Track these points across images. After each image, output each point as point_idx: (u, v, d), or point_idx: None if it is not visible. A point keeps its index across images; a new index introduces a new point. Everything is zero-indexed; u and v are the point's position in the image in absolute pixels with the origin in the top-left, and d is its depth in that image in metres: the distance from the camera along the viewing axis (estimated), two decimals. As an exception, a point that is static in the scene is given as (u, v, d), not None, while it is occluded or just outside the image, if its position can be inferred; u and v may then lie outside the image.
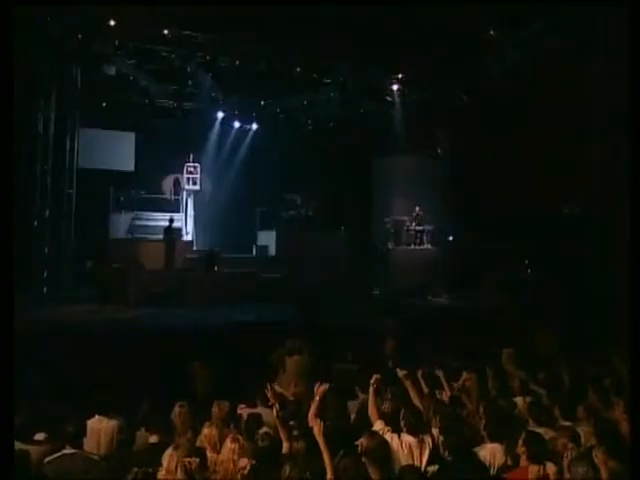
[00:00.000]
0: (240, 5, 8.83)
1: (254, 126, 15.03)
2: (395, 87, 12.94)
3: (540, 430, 3.29)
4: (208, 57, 11.04)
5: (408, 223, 12.69)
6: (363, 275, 11.68)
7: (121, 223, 12.58)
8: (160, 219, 12.78)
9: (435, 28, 9.87)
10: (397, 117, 13.40)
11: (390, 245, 12.79)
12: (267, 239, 13.14)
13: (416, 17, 9.54)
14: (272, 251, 12.77)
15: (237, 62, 11.30)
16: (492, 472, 2.99)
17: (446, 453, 3.02)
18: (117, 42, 10.17)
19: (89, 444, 3.36)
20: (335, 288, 9.93)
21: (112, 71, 10.62)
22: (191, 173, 13.39)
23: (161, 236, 11.40)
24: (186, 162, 13.28)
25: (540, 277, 10.72)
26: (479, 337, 6.47)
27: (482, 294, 10.73)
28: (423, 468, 2.98)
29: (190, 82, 12.16)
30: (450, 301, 10.62)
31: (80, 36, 10.02)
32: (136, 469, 2.51)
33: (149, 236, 12.29)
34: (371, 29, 9.85)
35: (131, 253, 10.76)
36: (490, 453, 3.13)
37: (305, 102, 13.73)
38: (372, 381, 3.56)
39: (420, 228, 12.50)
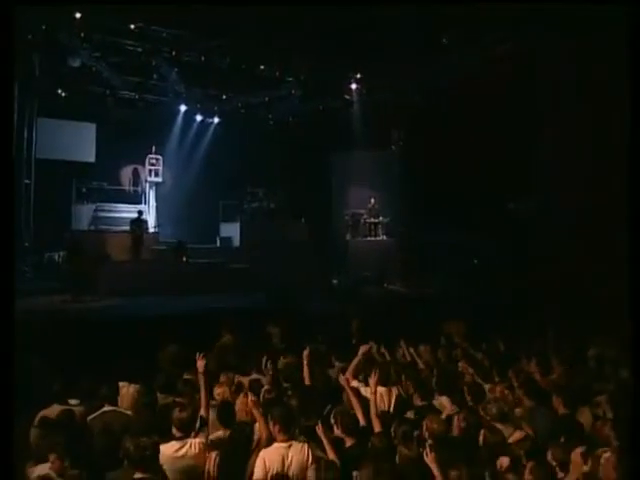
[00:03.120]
0: (208, 5, 9.16)
1: (216, 119, 15.30)
2: (354, 86, 13.64)
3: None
4: (173, 52, 11.29)
5: (365, 216, 13.48)
6: (323, 265, 12.35)
7: (83, 214, 12.57)
8: (123, 211, 12.87)
9: (394, 29, 10.48)
10: (355, 115, 14.12)
11: (348, 237, 13.55)
12: (230, 231, 13.53)
13: (376, 18, 10.12)
14: (236, 242, 13.18)
15: (202, 58, 11.61)
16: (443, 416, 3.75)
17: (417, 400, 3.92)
18: (82, 34, 10.24)
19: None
20: (298, 277, 10.52)
21: (77, 63, 10.65)
22: (153, 165, 13.45)
23: (124, 228, 11.56)
24: (148, 154, 13.36)
25: (490, 266, 11.70)
26: (431, 317, 7.30)
27: (434, 281, 11.65)
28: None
29: (155, 76, 12.30)
30: (405, 288, 11.47)
31: (44, 27, 10.02)
32: (177, 409, 3.01)
33: (112, 227, 12.38)
34: (332, 29, 10.40)
35: (98, 245, 10.88)
36: (440, 403, 3.94)
37: (266, 98, 14.16)
38: (363, 350, 4.40)
39: (375, 220, 13.32)
